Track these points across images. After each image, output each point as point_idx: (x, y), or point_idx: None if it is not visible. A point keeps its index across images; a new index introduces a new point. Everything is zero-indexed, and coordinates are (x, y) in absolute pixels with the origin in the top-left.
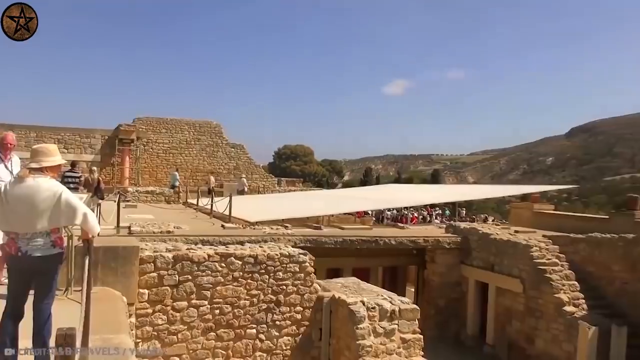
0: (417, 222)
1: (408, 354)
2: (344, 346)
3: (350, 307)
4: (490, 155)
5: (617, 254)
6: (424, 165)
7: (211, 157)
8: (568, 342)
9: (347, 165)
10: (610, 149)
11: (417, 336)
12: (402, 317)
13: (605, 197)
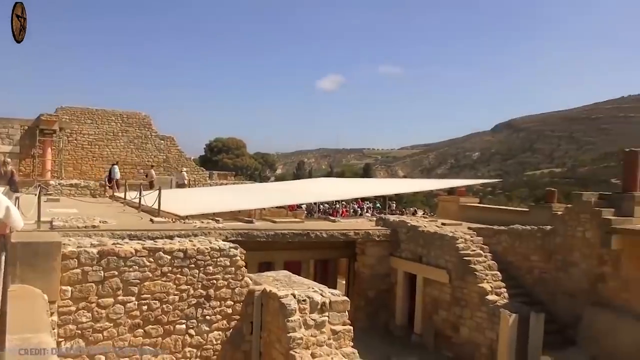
0: (348, 216)
1: (338, 345)
2: (274, 339)
3: (281, 300)
4: (420, 150)
5: (536, 245)
6: (355, 159)
7: (140, 150)
8: (491, 330)
9: (280, 158)
10: (531, 145)
11: (347, 327)
12: (332, 309)
13: (527, 191)
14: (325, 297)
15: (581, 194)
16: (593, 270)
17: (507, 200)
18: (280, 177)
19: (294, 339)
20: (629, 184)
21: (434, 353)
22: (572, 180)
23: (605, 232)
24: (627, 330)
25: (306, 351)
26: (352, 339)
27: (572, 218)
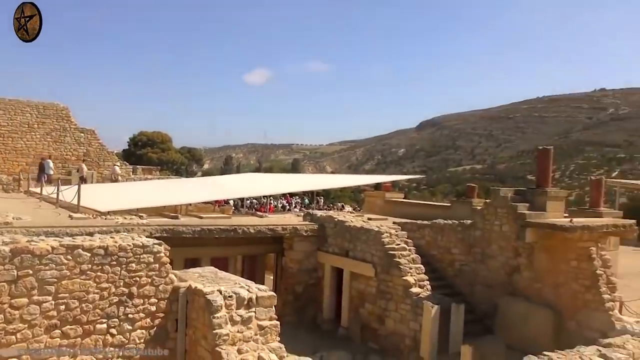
0: (276, 211)
1: (265, 341)
2: (200, 336)
3: (207, 296)
4: (348, 146)
5: (457, 238)
6: (284, 154)
7: (57, 143)
8: (414, 321)
9: (207, 153)
10: (454, 142)
11: (273, 323)
12: (259, 304)
13: (450, 186)
14: (252, 292)
15: (499, 190)
16: (509, 262)
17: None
18: (208, 172)
19: (220, 335)
20: (542, 180)
21: (360, 346)
22: (491, 177)
23: (520, 226)
24: (539, 318)
25: (232, 347)
26: (279, 334)
27: (490, 212)
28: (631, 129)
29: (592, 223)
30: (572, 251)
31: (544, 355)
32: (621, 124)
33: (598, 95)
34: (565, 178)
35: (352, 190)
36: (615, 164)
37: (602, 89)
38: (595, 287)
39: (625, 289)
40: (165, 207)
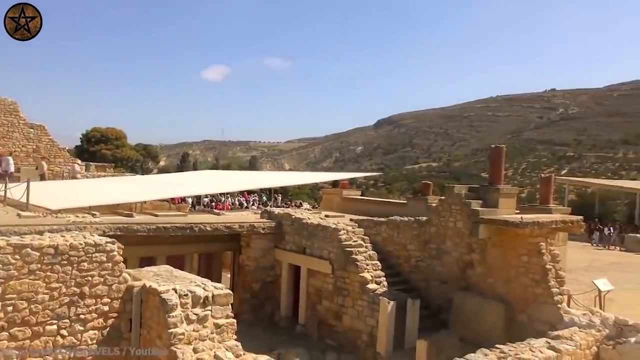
0: (234, 209)
1: (221, 339)
2: (155, 336)
3: (162, 295)
4: (306, 144)
5: (412, 235)
6: (241, 151)
7: (5, 138)
8: (371, 317)
9: (164, 150)
10: (410, 140)
11: (230, 321)
12: (215, 302)
13: (406, 184)
14: (208, 291)
15: (453, 187)
16: (463, 258)
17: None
18: (164, 169)
19: (175, 334)
20: (495, 178)
21: (317, 342)
22: (447, 174)
23: (473, 222)
24: (491, 312)
25: (188, 346)
26: (235, 332)
27: (445, 209)
28: (579, 129)
29: (542, 219)
30: (523, 246)
31: (496, 348)
32: (570, 123)
33: (549, 95)
34: (518, 176)
35: (310, 188)
36: (565, 162)
37: (552, 90)
38: (544, 281)
39: (573, 282)
40: (119, 205)
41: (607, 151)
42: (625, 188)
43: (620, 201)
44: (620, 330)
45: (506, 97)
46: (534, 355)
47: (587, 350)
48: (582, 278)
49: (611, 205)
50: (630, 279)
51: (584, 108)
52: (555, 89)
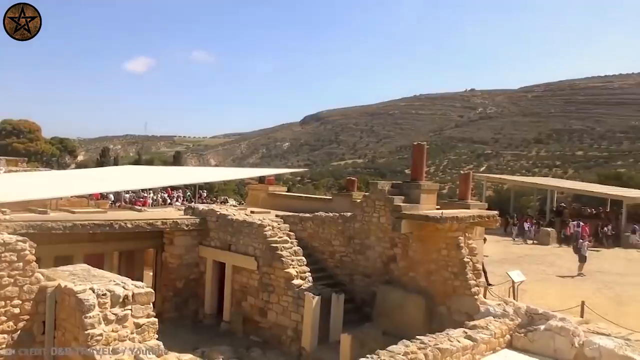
0: (157, 205)
1: (142, 339)
2: (71, 338)
3: (78, 295)
4: (232, 139)
5: (337, 230)
6: (166, 147)
7: None
8: (296, 312)
9: (82, 144)
10: (337, 137)
11: (151, 320)
12: (135, 301)
13: (332, 180)
14: (127, 289)
15: (377, 183)
16: (386, 252)
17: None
18: (82, 164)
19: (92, 335)
20: (417, 174)
21: (243, 339)
22: (372, 170)
23: (396, 218)
24: (413, 304)
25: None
26: (157, 331)
27: (369, 205)
28: (497, 127)
29: (461, 214)
30: (443, 241)
31: (417, 339)
32: (489, 122)
33: (468, 95)
34: (439, 172)
35: (236, 184)
36: (483, 160)
37: (472, 90)
38: (462, 274)
39: (490, 274)
40: (33, 201)
41: (521, 149)
42: (537, 184)
43: (533, 197)
44: (531, 318)
45: (429, 96)
46: (452, 344)
47: (501, 339)
48: (497, 270)
49: (525, 200)
50: (541, 270)
51: (501, 108)
52: (475, 89)
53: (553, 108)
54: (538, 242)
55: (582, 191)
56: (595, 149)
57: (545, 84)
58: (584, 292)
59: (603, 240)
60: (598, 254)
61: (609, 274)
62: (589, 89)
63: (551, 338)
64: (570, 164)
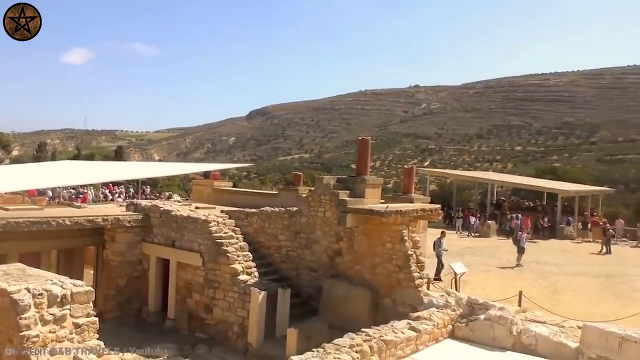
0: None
1: (82, 339)
2: (5, 340)
3: (12, 296)
4: (177, 134)
5: (283, 225)
6: (107, 141)
7: None
8: (242, 308)
9: (17, 138)
10: (283, 132)
11: (91, 319)
12: (74, 301)
13: (279, 175)
14: (66, 289)
15: (322, 178)
16: (332, 246)
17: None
18: (17, 159)
19: (28, 337)
20: (361, 168)
21: (188, 336)
22: (318, 165)
23: (341, 212)
24: (358, 297)
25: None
26: (98, 331)
27: (314, 200)
28: (440, 123)
29: (404, 208)
30: (387, 234)
31: (362, 332)
32: (432, 118)
33: (413, 91)
34: (385, 167)
35: (181, 179)
36: (427, 155)
37: (416, 86)
38: (406, 267)
39: (433, 267)
40: None
41: (464, 144)
42: (478, 178)
43: (474, 190)
44: (472, 308)
45: (374, 92)
46: (396, 336)
47: (443, 329)
48: None
49: (467, 194)
50: (482, 262)
51: (444, 104)
52: (419, 86)
53: (493, 104)
54: (479, 234)
55: (520, 185)
56: (532, 144)
57: (486, 80)
58: (521, 282)
59: (540, 232)
60: (535, 245)
61: (545, 264)
62: (527, 86)
63: (491, 327)
64: (510, 159)
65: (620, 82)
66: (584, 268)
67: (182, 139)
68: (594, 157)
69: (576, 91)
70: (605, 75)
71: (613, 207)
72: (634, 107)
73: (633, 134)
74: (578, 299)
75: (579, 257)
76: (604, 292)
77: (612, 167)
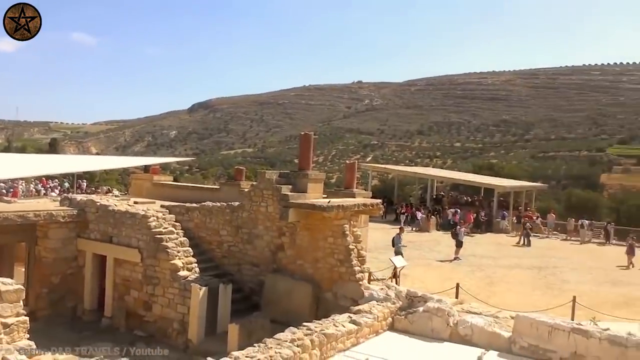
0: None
1: (11, 339)
2: None
3: None
4: (115, 126)
5: (225, 220)
6: (40, 133)
7: None
8: (182, 305)
9: None
10: (226, 126)
11: (21, 319)
12: (3, 300)
13: (222, 169)
14: None
15: (264, 172)
16: (274, 241)
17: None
18: None
19: None
20: (304, 163)
21: (126, 334)
22: (262, 160)
23: (283, 207)
24: (300, 292)
25: None
26: (29, 330)
27: (256, 194)
28: (382, 119)
29: (346, 203)
30: (329, 229)
31: (303, 326)
32: (374, 114)
33: (356, 87)
34: (328, 162)
35: (119, 173)
36: (370, 150)
37: (359, 82)
38: (348, 261)
39: (374, 261)
40: None
41: (405, 140)
42: (419, 174)
43: (415, 186)
44: (411, 301)
45: (318, 87)
46: (337, 329)
47: (383, 322)
48: (381, 257)
49: (408, 189)
50: (422, 255)
51: (387, 100)
52: (362, 82)
53: (434, 102)
54: (420, 229)
55: (459, 180)
56: (471, 141)
57: (427, 78)
58: (459, 275)
59: (481, 227)
60: (472, 239)
61: (482, 257)
62: (466, 84)
63: (429, 319)
64: (449, 155)
65: (553, 83)
66: (518, 260)
67: (121, 132)
68: (528, 154)
69: (512, 90)
70: (540, 75)
71: (545, 202)
72: (565, 107)
73: (564, 133)
74: (512, 291)
75: (512, 250)
76: (536, 284)
77: (545, 163)
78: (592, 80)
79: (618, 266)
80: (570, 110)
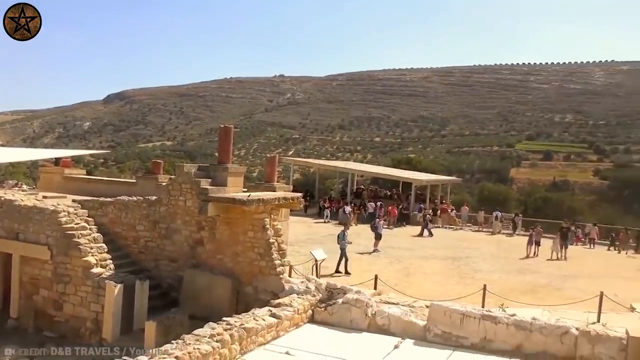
0: None
1: None
2: None
3: None
4: (22, 116)
5: (142, 215)
6: None
7: None
8: (96, 303)
9: None
10: (144, 118)
11: None
12: None
13: (139, 163)
14: None
15: (183, 166)
16: (193, 236)
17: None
18: None
19: None
20: (224, 157)
21: (35, 335)
22: (181, 153)
23: (202, 201)
24: (220, 287)
25: None
26: None
27: (175, 188)
28: (304, 113)
29: (266, 196)
30: (249, 223)
31: (223, 321)
32: (296, 108)
33: (278, 80)
34: (250, 156)
35: (27, 167)
36: (292, 144)
37: (281, 76)
38: (268, 255)
39: (295, 254)
40: None
41: (327, 135)
42: (339, 168)
43: (336, 179)
44: (331, 293)
45: (239, 80)
46: (258, 323)
47: (303, 314)
48: (302, 250)
49: (329, 183)
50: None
51: (308, 94)
52: (284, 75)
53: (354, 96)
54: (340, 222)
55: (378, 174)
56: (390, 136)
57: (348, 73)
58: (378, 267)
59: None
60: (391, 231)
61: (399, 249)
62: (386, 80)
63: (348, 310)
64: (370, 149)
65: (467, 81)
66: (434, 252)
67: (29, 123)
68: (444, 149)
69: (429, 87)
70: (455, 73)
71: (460, 195)
72: (478, 104)
73: (478, 129)
74: (428, 281)
75: (428, 242)
76: (451, 273)
77: (459, 158)
78: (502, 79)
79: (521, 258)
80: (483, 108)
